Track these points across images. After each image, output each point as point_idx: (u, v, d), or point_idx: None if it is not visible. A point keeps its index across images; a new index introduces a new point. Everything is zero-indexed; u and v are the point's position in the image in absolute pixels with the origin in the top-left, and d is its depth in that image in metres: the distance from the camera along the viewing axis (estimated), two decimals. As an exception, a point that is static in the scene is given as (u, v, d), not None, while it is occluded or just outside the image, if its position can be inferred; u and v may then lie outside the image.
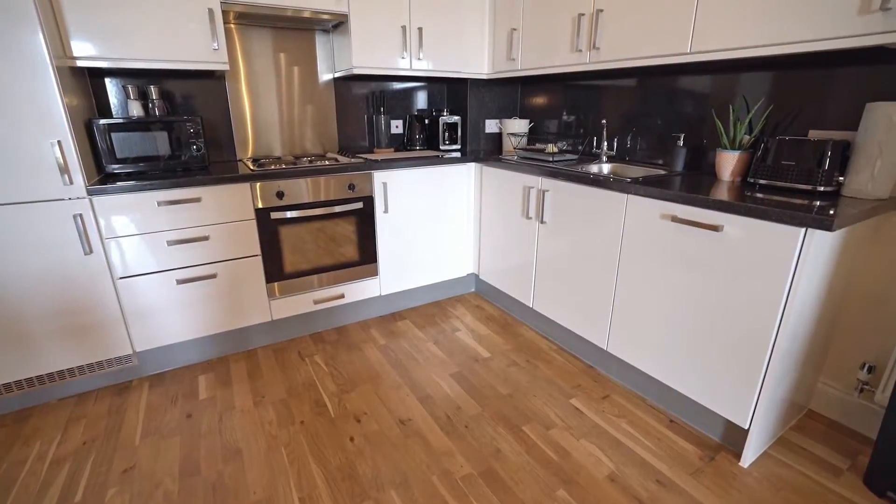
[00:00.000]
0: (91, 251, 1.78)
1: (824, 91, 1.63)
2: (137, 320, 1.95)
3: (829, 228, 1.20)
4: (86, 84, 2.04)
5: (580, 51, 2.14)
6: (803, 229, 1.27)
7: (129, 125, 1.91)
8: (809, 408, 1.82)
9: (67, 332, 1.82)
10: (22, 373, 1.79)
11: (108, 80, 2.14)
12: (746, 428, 1.51)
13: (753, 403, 1.47)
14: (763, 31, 1.48)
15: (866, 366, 1.62)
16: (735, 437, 1.60)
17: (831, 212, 1.26)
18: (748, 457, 1.54)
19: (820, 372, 1.77)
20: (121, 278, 1.87)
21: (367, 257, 2.45)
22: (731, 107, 1.89)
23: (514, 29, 2.50)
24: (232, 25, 2.35)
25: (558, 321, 2.24)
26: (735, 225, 1.43)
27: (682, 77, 2.07)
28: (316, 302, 2.36)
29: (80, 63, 1.80)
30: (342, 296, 2.43)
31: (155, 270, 1.93)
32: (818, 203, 1.38)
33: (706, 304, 1.56)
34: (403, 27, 2.43)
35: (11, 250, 1.65)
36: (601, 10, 2.00)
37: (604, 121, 2.42)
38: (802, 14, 1.38)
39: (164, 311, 1.99)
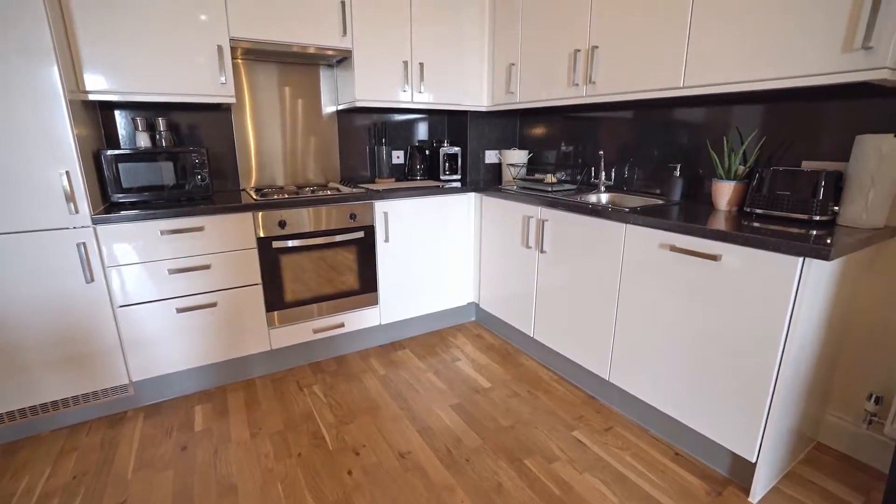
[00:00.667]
0: (92, 280, 1.78)
1: (815, 123, 1.67)
2: (135, 349, 1.93)
3: (826, 258, 1.21)
4: (96, 116, 2.09)
5: (577, 85, 2.21)
6: (801, 258, 1.28)
7: (136, 156, 1.95)
8: (818, 440, 1.78)
9: (63, 362, 1.80)
10: (15, 403, 1.76)
11: (117, 112, 2.19)
12: (754, 461, 1.47)
13: (760, 436, 1.44)
14: (751, 67, 1.53)
15: (873, 396, 1.59)
16: (742, 470, 1.56)
17: (828, 241, 1.28)
18: (757, 492, 1.49)
19: (826, 403, 1.74)
20: (120, 307, 1.87)
21: (367, 286, 2.45)
22: (725, 138, 1.94)
23: (513, 64, 2.58)
24: (239, 61, 2.43)
25: (559, 351, 2.22)
26: (733, 254, 1.44)
27: (677, 109, 2.13)
28: (315, 331, 2.35)
29: (92, 97, 1.85)
30: (342, 325, 2.42)
31: (155, 299, 1.93)
32: (815, 232, 1.39)
33: (708, 333, 1.55)
34: (405, 62, 2.51)
35: (13, 278, 1.66)
36: (596, 47, 2.07)
37: (601, 152, 2.47)
38: (789, 51, 1.43)
39: (163, 340, 1.98)
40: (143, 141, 2.13)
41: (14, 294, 1.67)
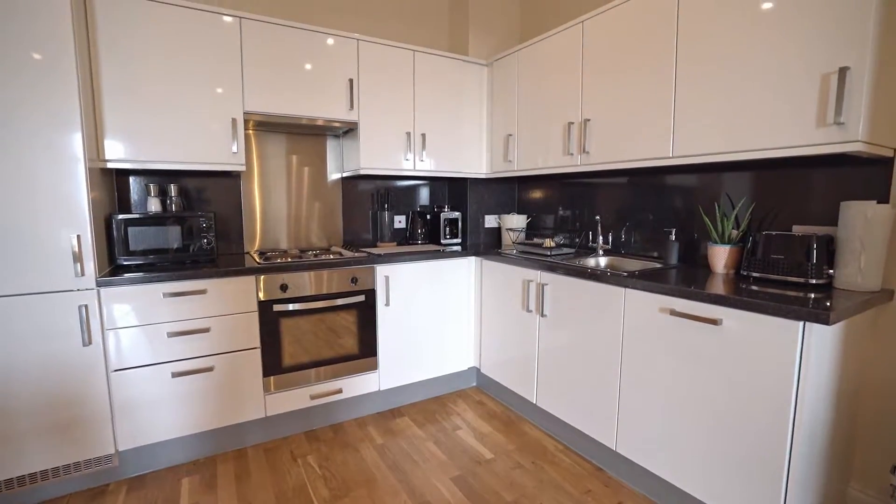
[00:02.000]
0: (90, 343, 1.76)
1: (801, 189, 1.74)
2: (125, 416, 1.87)
3: (826, 322, 1.21)
4: (111, 181, 2.18)
5: (572, 154, 2.32)
6: (801, 323, 1.28)
7: (146, 220, 2.01)
8: (842, 518, 1.67)
9: (48, 430, 1.73)
10: (-6, 475, 1.67)
11: (131, 178, 2.29)
12: (776, 542, 1.38)
13: (779, 512, 1.36)
14: (734, 139, 1.62)
15: None
16: (765, 552, 1.45)
17: (828, 304, 1.29)
18: (782, 577, 1.38)
19: (849, 477, 1.65)
20: (115, 371, 1.83)
21: (367, 351, 2.42)
22: (716, 204, 2.00)
23: (510, 134, 2.73)
24: (250, 131, 2.57)
25: (563, 419, 2.14)
26: (734, 319, 1.44)
27: (670, 175, 2.22)
28: (313, 397, 2.28)
29: (110, 165, 1.95)
30: (340, 391, 2.36)
31: (151, 363, 1.89)
32: (813, 295, 1.41)
33: (715, 401, 1.51)
34: (408, 133, 2.65)
35: (6, 341, 1.64)
36: (588, 120, 2.21)
37: (598, 216, 2.54)
38: (768, 125, 1.53)
39: (155, 406, 1.92)
40: (154, 206, 2.20)
41: (7, 358, 1.65)
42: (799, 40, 1.44)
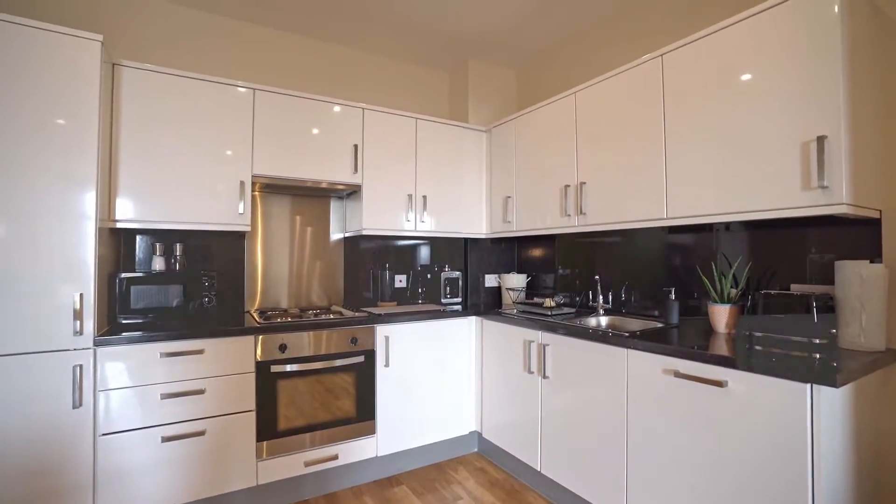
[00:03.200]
0: (80, 405, 1.71)
1: (796, 248, 1.77)
2: (107, 485, 1.77)
3: (833, 384, 1.19)
4: (118, 239, 2.22)
5: (569, 215, 2.38)
6: (808, 385, 1.25)
7: (149, 279, 2.03)
8: None
9: (22, 502, 1.62)
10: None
11: (138, 237, 2.33)
12: None
13: None
14: (725, 201, 1.68)
15: (924, 545, 1.43)
16: None
17: (834, 364, 1.27)
18: None
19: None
20: (102, 435, 1.76)
21: (364, 414, 2.34)
22: (713, 263, 2.03)
23: (509, 196, 2.82)
24: (256, 193, 2.65)
25: (570, 488, 2.03)
26: (739, 381, 1.41)
27: (667, 235, 2.26)
28: (307, 464, 2.17)
29: (120, 225, 1.99)
30: (336, 457, 2.25)
31: (141, 426, 1.83)
32: (818, 356, 1.39)
33: (729, 469, 1.44)
34: (410, 195, 2.74)
35: (-1, 404, 1.60)
36: (584, 183, 2.29)
37: (597, 276, 2.55)
38: (756, 189, 1.59)
39: (141, 473, 1.82)
40: (159, 265, 2.22)
41: (-5, 421, 1.59)
42: (778, 111, 1.53)
